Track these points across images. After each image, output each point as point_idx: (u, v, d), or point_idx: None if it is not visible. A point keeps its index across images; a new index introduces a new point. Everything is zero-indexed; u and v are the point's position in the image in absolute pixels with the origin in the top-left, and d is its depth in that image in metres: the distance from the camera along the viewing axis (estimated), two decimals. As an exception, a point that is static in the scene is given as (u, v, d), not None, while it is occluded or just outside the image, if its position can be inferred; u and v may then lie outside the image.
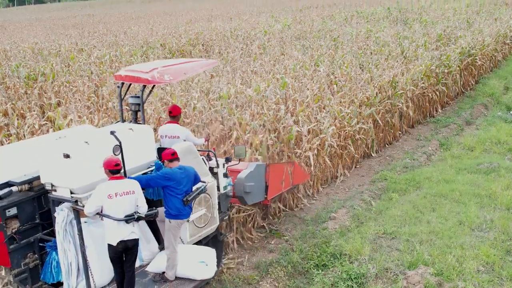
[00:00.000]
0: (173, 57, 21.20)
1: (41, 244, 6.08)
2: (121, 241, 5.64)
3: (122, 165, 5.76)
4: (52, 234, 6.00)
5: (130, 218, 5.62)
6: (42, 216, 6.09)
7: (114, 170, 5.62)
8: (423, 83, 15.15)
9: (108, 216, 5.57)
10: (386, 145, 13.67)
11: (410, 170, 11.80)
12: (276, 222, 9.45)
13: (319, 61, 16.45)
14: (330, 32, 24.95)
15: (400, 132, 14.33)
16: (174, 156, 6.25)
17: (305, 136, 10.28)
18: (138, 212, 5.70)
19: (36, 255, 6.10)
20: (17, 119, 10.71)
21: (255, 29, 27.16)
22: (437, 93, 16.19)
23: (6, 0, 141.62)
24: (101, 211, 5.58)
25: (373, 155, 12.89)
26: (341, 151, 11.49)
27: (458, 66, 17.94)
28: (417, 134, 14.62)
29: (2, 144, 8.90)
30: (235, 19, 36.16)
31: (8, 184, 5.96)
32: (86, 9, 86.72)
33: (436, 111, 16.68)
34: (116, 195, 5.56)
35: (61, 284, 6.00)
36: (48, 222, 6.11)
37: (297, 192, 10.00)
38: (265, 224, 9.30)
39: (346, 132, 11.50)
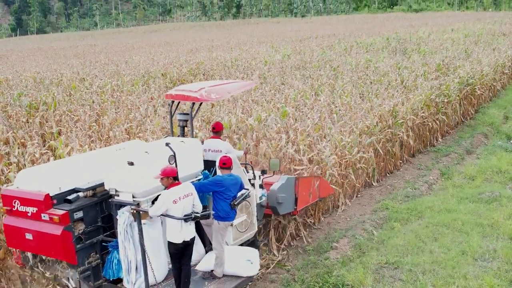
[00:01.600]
0: (174, 86, 21.39)
1: (104, 244, 6.70)
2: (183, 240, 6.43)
3: (177, 173, 6.50)
4: (112, 236, 6.70)
5: (188, 218, 6.35)
6: (103, 220, 6.75)
7: (176, 177, 6.40)
8: (423, 112, 15.22)
9: (171, 216, 6.29)
10: (387, 174, 13.65)
11: (412, 199, 11.75)
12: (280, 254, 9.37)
13: (319, 90, 16.58)
14: (330, 62, 25.15)
15: (401, 161, 14.33)
16: (225, 165, 7.03)
17: (306, 166, 10.26)
18: (195, 212, 6.46)
19: (97, 255, 6.71)
20: (18, 148, 10.72)
21: (256, 59, 27.38)
22: (437, 122, 16.24)
23: (9, 30, 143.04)
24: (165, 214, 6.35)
25: (374, 184, 12.87)
26: (342, 180, 11.46)
27: (458, 95, 18.04)
28: (418, 163, 14.61)
29: (3, 173, 8.95)
30: (235, 49, 36.48)
31: (75, 190, 6.60)
32: (87, 39, 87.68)
33: (437, 140, 16.70)
34: (179, 199, 6.33)
35: (121, 280, 6.65)
36: (108, 225, 6.77)
37: (298, 222, 9.94)
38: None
39: (347, 161, 11.49)
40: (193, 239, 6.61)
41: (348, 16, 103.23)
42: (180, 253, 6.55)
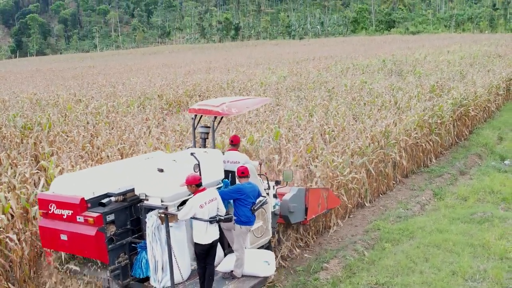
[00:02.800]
0: (170, 107, 21.52)
1: (133, 245, 7.23)
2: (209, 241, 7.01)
3: (201, 180, 7.06)
4: (140, 238, 7.25)
5: (213, 220, 6.93)
6: (132, 223, 7.29)
7: (199, 184, 6.93)
8: (416, 133, 15.27)
9: (198, 219, 6.84)
10: (380, 195, 13.65)
11: (404, 220, 11.74)
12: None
13: (313, 111, 16.67)
14: (325, 83, 25.34)
15: (394, 182, 14.34)
16: (244, 174, 7.64)
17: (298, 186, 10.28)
18: (219, 215, 7.02)
19: (126, 255, 7.19)
20: (11, 168, 10.74)
21: (252, 80, 27.55)
22: (431, 143, 16.29)
23: (9, 52, 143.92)
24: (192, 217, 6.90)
25: (366, 204, 12.86)
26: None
27: (451, 116, 18.13)
28: (411, 183, 14.61)
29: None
30: (232, 71, 36.72)
31: (107, 195, 7.16)
32: (87, 60, 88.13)
33: (430, 161, 16.72)
34: (205, 203, 6.88)
35: (147, 279, 7.18)
36: (136, 228, 7.31)
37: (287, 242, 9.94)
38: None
39: (339, 182, 11.51)
40: (217, 241, 7.19)
41: (346, 38, 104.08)
42: (205, 254, 7.10)
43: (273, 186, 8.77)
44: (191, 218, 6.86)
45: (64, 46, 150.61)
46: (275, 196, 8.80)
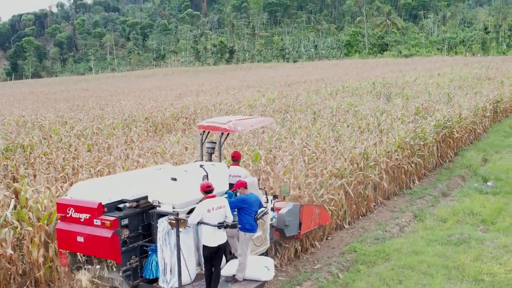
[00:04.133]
0: (156, 130, 21.54)
1: (144, 248, 7.78)
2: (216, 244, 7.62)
3: (212, 187, 7.71)
4: (150, 242, 7.82)
5: (221, 225, 7.54)
6: (144, 228, 7.86)
7: (208, 190, 7.61)
8: (397, 155, 15.31)
9: (207, 224, 7.46)
10: (360, 217, 13.64)
11: (381, 241, 11.71)
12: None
13: (296, 133, 16.72)
14: (312, 105, 25.46)
15: (374, 204, 14.33)
16: (246, 186, 8.24)
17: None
18: (226, 221, 7.64)
19: (137, 258, 7.72)
20: (-13, 190, 10.70)
21: (240, 102, 27.66)
22: (413, 165, 16.33)
23: (4, 74, 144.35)
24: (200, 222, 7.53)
25: (345, 226, 12.84)
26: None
27: (434, 138, 18.21)
28: (392, 205, 14.61)
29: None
30: (222, 94, 36.87)
31: (122, 201, 7.73)
32: (81, 83, 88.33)
33: (414, 182, 16.77)
34: (213, 209, 7.52)
35: (156, 280, 7.73)
36: (147, 233, 7.88)
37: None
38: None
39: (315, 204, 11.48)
40: (224, 245, 7.80)
41: (339, 61, 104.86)
42: (212, 256, 7.71)
43: (271, 200, 9.39)
44: (200, 223, 7.48)
45: (60, 69, 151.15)
46: (272, 209, 9.40)
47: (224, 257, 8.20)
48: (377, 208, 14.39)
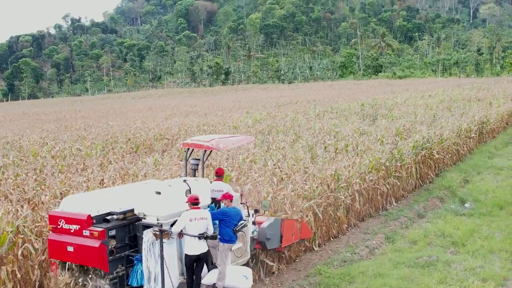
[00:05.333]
0: (137, 151, 21.45)
1: (130, 258, 8.24)
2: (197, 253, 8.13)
3: (199, 200, 8.24)
4: (135, 252, 8.29)
5: (202, 236, 8.03)
6: (130, 239, 8.34)
7: (194, 202, 8.15)
8: (370, 176, 15.21)
9: (188, 234, 7.93)
10: (331, 239, 13.49)
11: (349, 264, 11.58)
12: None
13: (272, 155, 16.66)
14: (297, 127, 25.44)
15: (347, 226, 14.20)
16: (231, 198, 8.76)
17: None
18: (207, 233, 8.13)
19: (123, 267, 8.20)
20: None
21: (225, 124, 27.63)
22: (389, 186, 16.23)
23: (0, 95, 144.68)
24: (182, 231, 7.99)
25: (315, 248, 12.69)
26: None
27: (413, 159, 18.15)
28: (366, 227, 14.46)
29: None
30: (210, 115, 36.88)
31: (110, 214, 8.25)
32: (76, 104, 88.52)
33: (391, 204, 16.65)
34: (195, 219, 8.03)
35: (142, 287, 8.13)
36: (134, 243, 8.36)
37: None
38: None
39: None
40: (204, 254, 8.28)
41: (334, 82, 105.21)
42: (193, 264, 8.21)
43: (252, 214, 9.90)
44: (183, 233, 7.93)
45: (56, 90, 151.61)
46: (253, 223, 9.90)
47: (206, 267, 8.67)
48: (350, 230, 14.25)
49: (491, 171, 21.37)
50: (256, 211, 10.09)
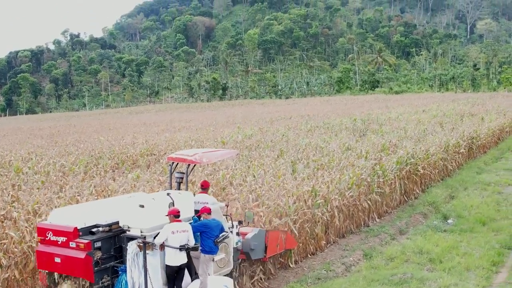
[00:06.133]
0: (122, 166, 21.38)
1: (115, 269, 8.50)
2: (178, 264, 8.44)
3: (180, 213, 8.53)
4: (121, 263, 8.52)
5: (183, 248, 8.31)
6: (115, 250, 8.60)
7: (176, 215, 8.45)
8: (351, 192, 15.10)
9: (169, 246, 8.24)
10: (309, 255, 13.36)
11: (323, 281, 11.48)
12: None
13: (254, 170, 16.58)
14: (286, 142, 25.37)
15: (326, 242, 14.06)
16: (209, 212, 9.01)
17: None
18: (188, 244, 8.41)
19: (109, 277, 8.48)
20: None
21: (214, 139, 27.56)
22: (370, 202, 16.12)
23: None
24: (164, 243, 8.28)
25: (291, 265, 12.57)
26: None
27: (397, 175, 18.07)
28: (345, 244, 14.34)
29: None
30: (202, 130, 36.84)
31: (96, 226, 8.52)
32: (73, 119, 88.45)
33: (374, 220, 16.54)
34: (177, 231, 8.34)
35: None
36: (119, 255, 8.62)
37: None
38: None
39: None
40: (185, 265, 8.55)
41: (330, 97, 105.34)
42: (174, 274, 8.50)
43: (236, 225, 10.12)
44: (165, 244, 8.21)
45: (54, 105, 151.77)
46: (237, 234, 10.07)
47: (189, 277, 8.94)
48: (329, 246, 14.13)
49: (478, 187, 21.28)
50: (240, 222, 10.34)
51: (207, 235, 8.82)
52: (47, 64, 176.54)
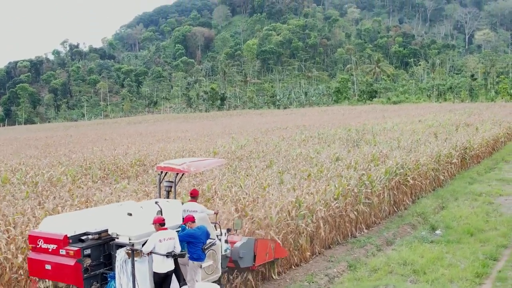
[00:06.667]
0: (112, 176, 21.33)
1: (104, 275, 8.68)
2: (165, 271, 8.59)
3: (165, 221, 8.68)
4: (110, 270, 8.72)
5: (169, 255, 8.50)
6: (104, 257, 8.81)
7: (161, 223, 8.60)
8: (337, 203, 15.01)
9: (156, 253, 8.41)
10: (293, 267, 13.26)
11: (304, 293, 11.36)
12: None
13: (241, 181, 16.52)
14: (277, 153, 25.33)
15: (311, 253, 13.95)
16: (193, 220, 9.18)
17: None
18: (174, 251, 8.62)
19: (98, 284, 8.62)
20: None
21: (206, 150, 27.53)
22: (356, 213, 16.02)
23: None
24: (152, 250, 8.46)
25: (274, 277, 12.47)
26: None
27: (386, 185, 17.99)
28: (331, 255, 14.24)
29: None
30: (197, 140, 36.80)
31: (86, 234, 8.71)
32: (70, 129, 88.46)
33: (361, 231, 16.44)
34: (164, 239, 8.53)
35: None
36: (108, 262, 8.81)
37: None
38: None
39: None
40: (172, 272, 8.70)
41: (328, 107, 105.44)
42: (161, 282, 8.63)
43: (225, 233, 10.30)
44: (152, 252, 8.39)
45: (53, 115, 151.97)
46: (226, 241, 10.27)
47: (178, 284, 9.08)
48: (314, 257, 14.02)
49: (469, 197, 21.18)
50: (229, 230, 10.53)
51: (194, 243, 9.03)
52: (46, 74, 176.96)
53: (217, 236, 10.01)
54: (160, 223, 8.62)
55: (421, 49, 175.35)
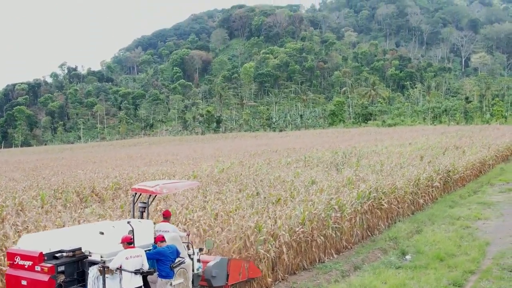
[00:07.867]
0: (87, 200, 21.18)
1: None
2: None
3: (133, 240, 9.15)
4: (84, 286, 9.11)
5: (137, 272, 8.92)
6: (78, 274, 9.22)
7: (129, 242, 9.02)
8: (302, 228, 14.82)
9: (125, 270, 8.79)
10: (253, 294, 13.04)
11: (257, 321, 11.14)
12: None
13: (210, 205, 16.37)
14: (256, 176, 25.20)
15: (272, 280, 13.72)
16: (162, 239, 9.69)
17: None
18: (142, 269, 9.03)
19: None
20: None
21: (185, 173, 27.40)
22: (323, 238, 15.80)
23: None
24: (120, 267, 8.82)
25: (232, 304, 12.25)
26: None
27: (357, 209, 17.82)
28: (294, 281, 14.01)
29: None
30: (180, 164, 36.69)
31: (61, 251, 9.17)
32: (65, 152, 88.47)
33: (331, 256, 16.22)
34: (130, 257, 8.89)
35: None
36: (81, 278, 9.21)
37: None
38: None
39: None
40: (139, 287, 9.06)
41: (323, 130, 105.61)
42: None
43: (197, 253, 10.67)
44: (120, 269, 8.75)
45: (50, 138, 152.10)
46: (198, 260, 10.64)
47: None
48: (276, 284, 13.80)
49: (446, 221, 20.98)
50: (201, 249, 10.90)
51: (163, 261, 9.49)
52: (44, 97, 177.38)
53: (189, 255, 10.38)
54: (127, 242, 9.01)
55: (417, 72, 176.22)
